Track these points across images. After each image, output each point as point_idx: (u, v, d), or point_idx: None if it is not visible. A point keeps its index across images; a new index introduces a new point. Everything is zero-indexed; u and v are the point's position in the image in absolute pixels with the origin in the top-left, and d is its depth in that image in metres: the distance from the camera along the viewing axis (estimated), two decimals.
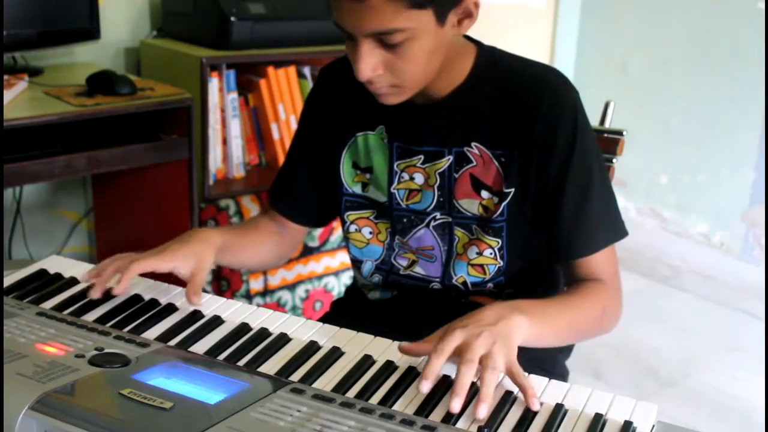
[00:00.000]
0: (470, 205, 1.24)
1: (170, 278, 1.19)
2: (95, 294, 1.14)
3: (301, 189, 1.37)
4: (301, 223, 1.40)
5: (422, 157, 1.25)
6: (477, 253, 1.25)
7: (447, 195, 1.25)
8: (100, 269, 1.17)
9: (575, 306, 1.17)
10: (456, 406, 0.90)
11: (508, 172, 1.21)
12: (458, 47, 1.21)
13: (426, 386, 0.93)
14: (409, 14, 1.06)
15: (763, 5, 3.10)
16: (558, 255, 1.23)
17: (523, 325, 1.03)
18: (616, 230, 1.24)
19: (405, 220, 1.29)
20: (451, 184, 1.24)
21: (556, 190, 1.19)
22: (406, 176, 1.27)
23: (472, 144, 1.22)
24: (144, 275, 1.19)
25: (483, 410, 0.90)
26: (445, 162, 1.24)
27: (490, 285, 1.27)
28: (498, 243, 1.23)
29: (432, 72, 1.16)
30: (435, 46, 1.12)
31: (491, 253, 1.24)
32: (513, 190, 1.21)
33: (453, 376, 0.95)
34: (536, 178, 1.20)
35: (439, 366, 0.95)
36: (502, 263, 1.25)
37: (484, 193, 1.23)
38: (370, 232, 1.32)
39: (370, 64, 1.11)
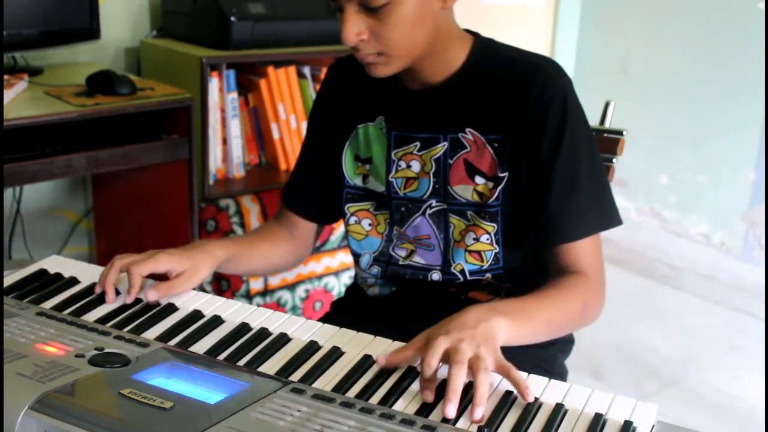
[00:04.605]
0: (464, 192, 1.25)
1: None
2: (110, 299, 1.15)
3: (310, 185, 1.40)
4: (311, 219, 1.42)
5: (418, 144, 1.27)
6: (474, 239, 1.25)
7: (442, 182, 1.26)
8: (105, 276, 1.17)
9: (555, 302, 1.16)
10: (450, 412, 0.90)
11: (502, 157, 1.22)
12: (454, 34, 1.24)
13: (430, 396, 0.93)
14: None
15: (763, 5, 3.10)
16: (543, 239, 1.22)
17: (503, 326, 1.04)
18: (605, 218, 1.23)
19: (403, 209, 1.30)
20: (446, 170, 1.25)
21: (544, 174, 1.20)
22: (403, 164, 1.28)
23: (467, 130, 1.24)
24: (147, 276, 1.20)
25: (478, 413, 0.90)
26: (441, 148, 1.25)
27: (488, 275, 1.27)
28: (494, 228, 1.24)
29: (419, 44, 1.18)
30: (419, 14, 1.15)
31: (488, 239, 1.25)
32: (507, 174, 1.22)
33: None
34: (528, 162, 1.21)
35: (432, 375, 0.95)
36: (498, 249, 1.25)
37: (479, 179, 1.24)
38: (370, 224, 1.33)
39: (354, 29, 1.14)
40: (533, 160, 1.20)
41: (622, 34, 3.62)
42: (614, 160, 1.42)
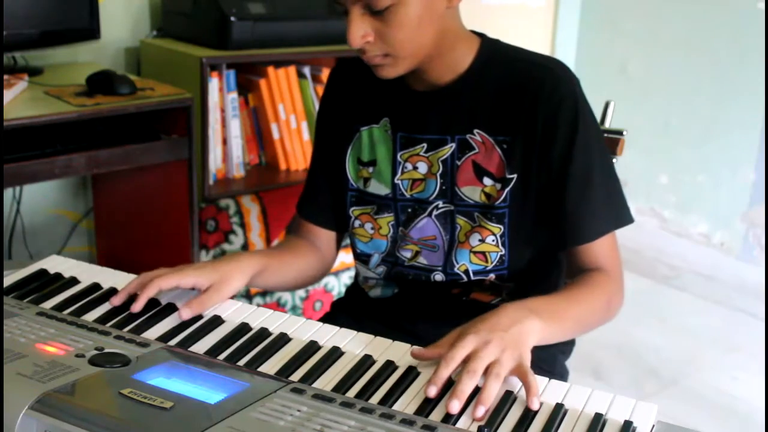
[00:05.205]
0: (472, 193, 1.25)
1: None
2: (116, 301, 1.13)
3: (323, 193, 1.39)
4: (328, 228, 1.40)
5: (425, 145, 1.26)
6: (479, 240, 1.25)
7: (449, 183, 1.26)
8: (128, 288, 1.16)
9: (582, 300, 1.17)
10: (454, 407, 0.90)
11: (511, 158, 1.22)
12: (460, 35, 1.23)
13: (433, 391, 0.94)
14: None
15: (763, 5, 3.10)
16: (562, 241, 1.23)
17: (536, 328, 1.04)
18: (620, 216, 1.24)
19: (409, 210, 1.29)
20: (454, 171, 1.25)
21: (559, 176, 1.20)
22: (409, 166, 1.28)
23: (475, 131, 1.23)
24: None
25: (480, 411, 0.90)
26: (448, 149, 1.25)
27: (491, 276, 1.27)
28: (500, 229, 1.24)
29: (426, 44, 1.17)
30: (424, 14, 1.14)
31: (493, 240, 1.25)
32: (516, 176, 1.22)
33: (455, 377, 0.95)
34: (539, 163, 1.21)
35: (447, 374, 0.95)
36: (503, 251, 1.25)
37: (487, 180, 1.24)
38: (372, 228, 1.33)
39: (360, 31, 1.14)
40: (546, 162, 1.20)
41: (622, 34, 3.62)
42: (614, 160, 1.42)
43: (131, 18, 2.47)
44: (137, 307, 1.12)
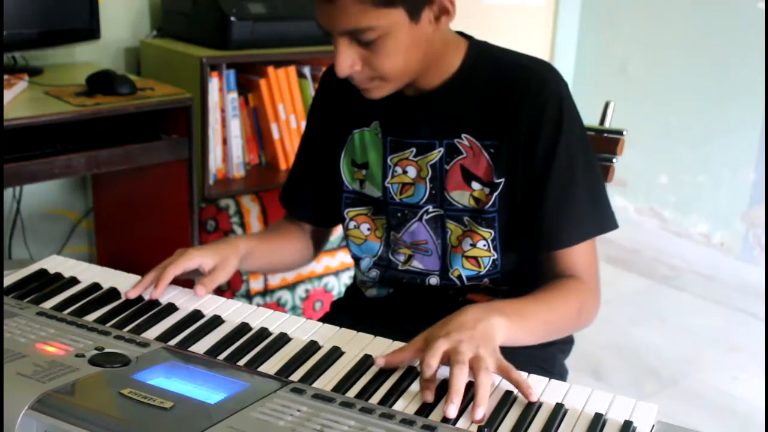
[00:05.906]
0: (461, 197, 1.25)
1: (175, 279, 1.20)
2: (131, 294, 1.16)
3: (306, 189, 1.40)
4: (306, 221, 1.42)
5: (414, 149, 1.26)
6: (471, 245, 1.25)
7: (439, 187, 1.26)
8: (144, 281, 1.19)
9: (551, 305, 1.16)
10: (452, 412, 0.90)
11: (498, 162, 1.21)
12: (447, 41, 1.23)
13: (430, 396, 0.94)
14: (378, 13, 1.09)
15: (763, 5, 3.10)
16: (540, 245, 1.22)
17: (502, 326, 1.04)
18: (600, 223, 1.23)
19: (399, 214, 1.30)
20: (443, 176, 1.25)
21: (540, 178, 1.20)
22: (399, 170, 1.28)
23: (462, 135, 1.23)
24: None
25: (479, 413, 0.90)
26: (437, 154, 1.25)
27: (485, 280, 1.27)
28: (491, 234, 1.24)
29: (413, 66, 1.18)
30: (412, 42, 1.14)
31: (485, 245, 1.24)
32: (503, 180, 1.21)
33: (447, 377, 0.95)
34: (523, 165, 1.20)
35: (432, 375, 0.95)
36: (496, 255, 1.25)
37: (475, 185, 1.23)
38: (368, 229, 1.33)
39: (347, 61, 1.14)
40: (529, 164, 1.20)
41: (622, 34, 3.62)
42: (614, 160, 1.41)
43: (131, 18, 2.47)
44: (157, 293, 1.16)
